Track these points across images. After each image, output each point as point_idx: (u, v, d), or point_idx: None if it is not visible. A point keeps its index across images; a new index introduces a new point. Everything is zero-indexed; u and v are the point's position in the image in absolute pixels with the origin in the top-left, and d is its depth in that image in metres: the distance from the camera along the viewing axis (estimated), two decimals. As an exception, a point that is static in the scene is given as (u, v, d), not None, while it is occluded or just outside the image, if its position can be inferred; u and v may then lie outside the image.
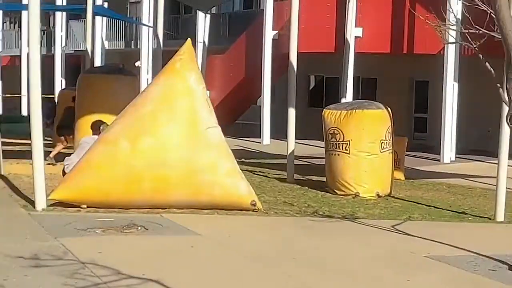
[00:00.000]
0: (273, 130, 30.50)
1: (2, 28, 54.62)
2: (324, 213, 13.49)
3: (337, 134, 16.01)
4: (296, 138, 18.41)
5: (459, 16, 14.88)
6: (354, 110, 15.97)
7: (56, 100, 27.51)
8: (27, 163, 19.70)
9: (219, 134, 13.15)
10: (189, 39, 13.68)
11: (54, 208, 12.66)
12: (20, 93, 44.65)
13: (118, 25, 42.71)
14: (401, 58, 29.43)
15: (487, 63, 9.53)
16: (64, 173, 14.08)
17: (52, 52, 45.59)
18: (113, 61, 39.31)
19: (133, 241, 10.67)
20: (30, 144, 12.56)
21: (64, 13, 44.72)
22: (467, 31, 10.83)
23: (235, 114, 33.59)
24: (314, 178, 18.29)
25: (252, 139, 31.05)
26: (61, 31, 45.67)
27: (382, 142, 15.95)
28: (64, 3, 42.84)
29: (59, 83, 44.50)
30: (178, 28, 41.27)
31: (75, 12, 40.01)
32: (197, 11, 35.90)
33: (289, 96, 18.01)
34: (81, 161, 13.08)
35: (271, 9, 31.82)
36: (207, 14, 26.79)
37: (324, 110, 16.57)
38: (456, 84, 25.13)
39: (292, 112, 17.75)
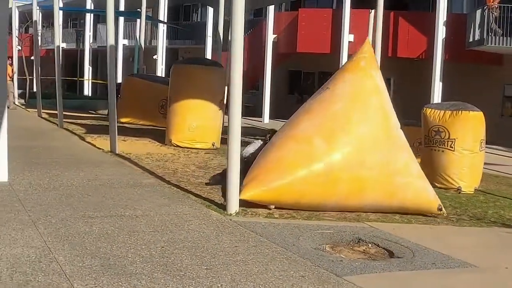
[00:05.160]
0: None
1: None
2: (476, 216, 8.83)
3: (442, 132, 11.63)
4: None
5: None
6: (460, 111, 11.57)
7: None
8: (128, 140, 14.30)
9: (402, 134, 8.52)
10: (367, 38, 8.87)
11: (242, 210, 7.78)
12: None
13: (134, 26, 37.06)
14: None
15: None
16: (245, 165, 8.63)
17: (81, 47, 41.11)
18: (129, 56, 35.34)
19: (440, 281, 5.72)
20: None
21: (92, 16, 39.91)
22: None
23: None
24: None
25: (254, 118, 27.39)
26: (90, 31, 40.97)
27: (482, 142, 11.72)
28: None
29: (87, 70, 40.13)
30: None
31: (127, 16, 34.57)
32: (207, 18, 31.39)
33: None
34: (269, 158, 8.19)
35: (272, 18, 28.03)
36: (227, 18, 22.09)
37: (425, 108, 12.11)
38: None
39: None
